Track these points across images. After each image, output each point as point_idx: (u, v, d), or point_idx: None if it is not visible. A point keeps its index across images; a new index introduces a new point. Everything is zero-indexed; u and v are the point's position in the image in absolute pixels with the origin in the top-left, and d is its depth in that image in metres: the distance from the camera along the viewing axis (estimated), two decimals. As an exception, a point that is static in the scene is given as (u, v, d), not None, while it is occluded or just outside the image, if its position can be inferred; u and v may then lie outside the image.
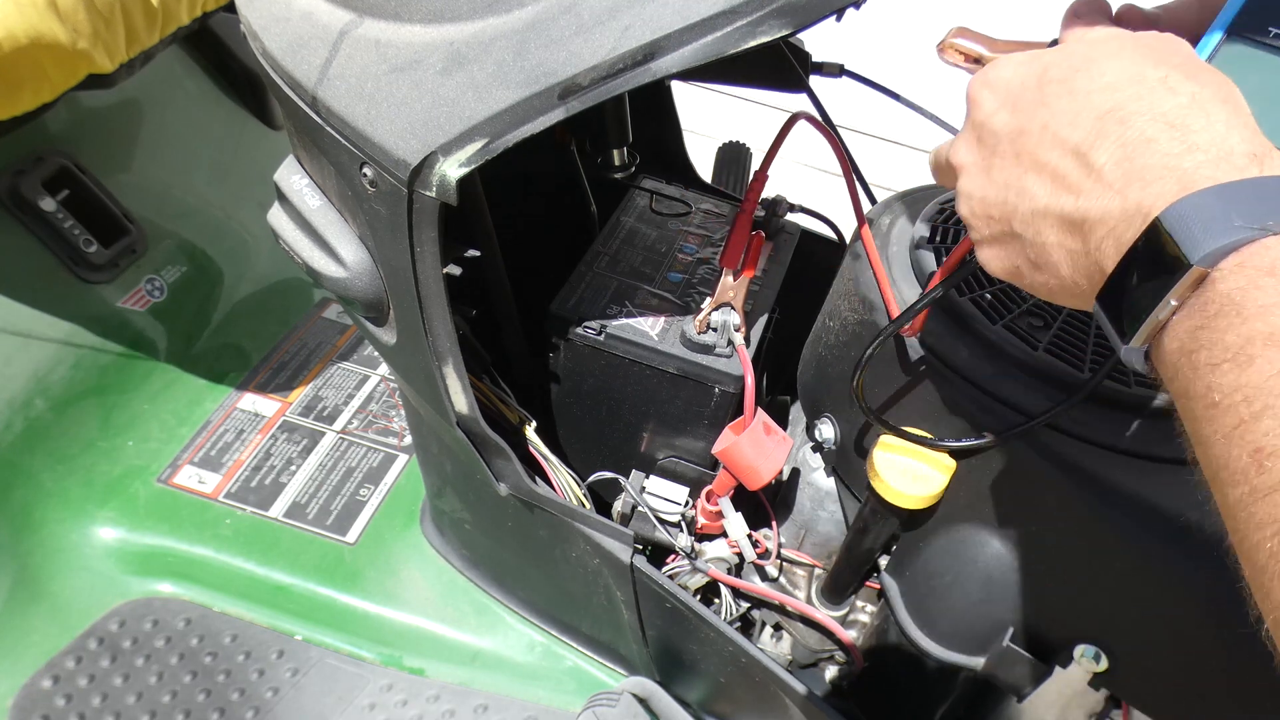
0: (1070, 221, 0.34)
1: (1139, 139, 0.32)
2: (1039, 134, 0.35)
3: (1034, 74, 0.37)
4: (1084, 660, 0.57)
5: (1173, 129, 0.31)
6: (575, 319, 0.68)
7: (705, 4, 0.42)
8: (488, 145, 0.48)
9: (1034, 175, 0.35)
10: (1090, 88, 0.34)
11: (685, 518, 0.72)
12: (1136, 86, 0.33)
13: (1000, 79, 0.38)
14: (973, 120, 0.39)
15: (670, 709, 0.80)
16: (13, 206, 0.97)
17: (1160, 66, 0.34)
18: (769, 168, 0.73)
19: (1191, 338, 0.29)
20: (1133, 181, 0.31)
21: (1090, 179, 0.33)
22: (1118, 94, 0.33)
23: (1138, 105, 0.32)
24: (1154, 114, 0.32)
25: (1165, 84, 0.33)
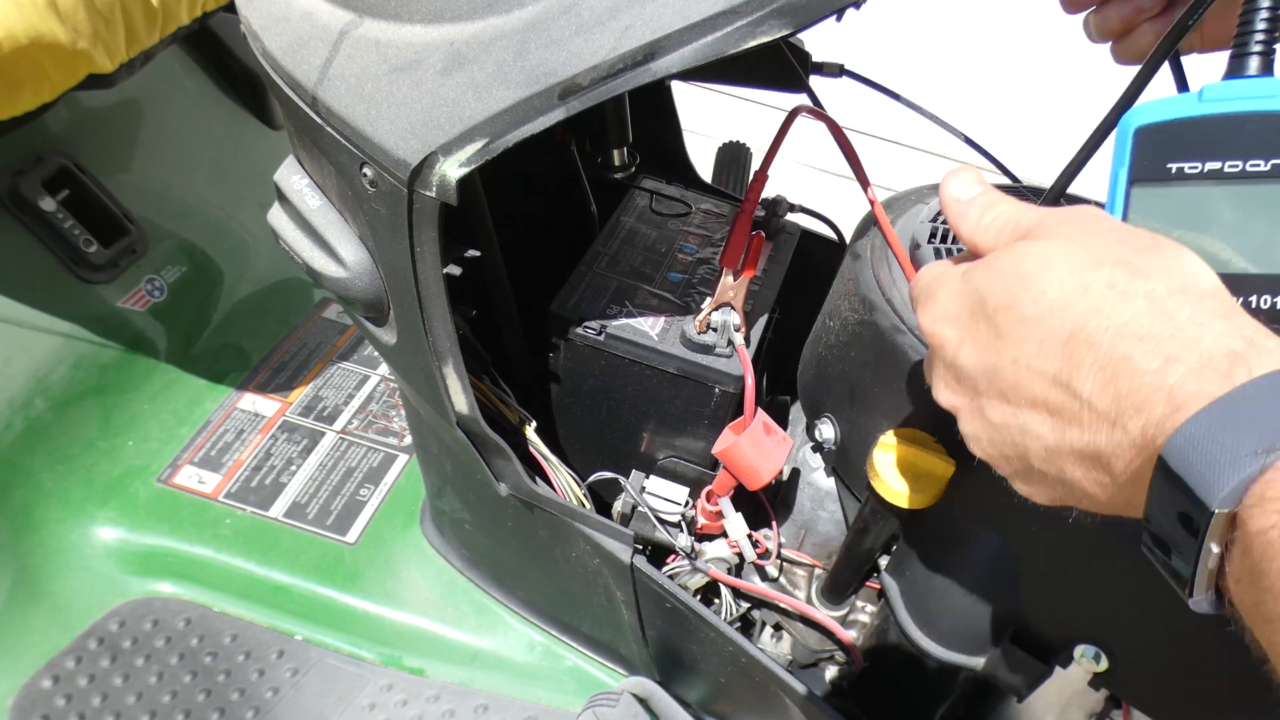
0: (1086, 456, 0.32)
1: (1114, 360, 0.30)
2: (1013, 369, 0.33)
3: (975, 303, 0.35)
4: (1084, 660, 0.57)
5: (1142, 341, 0.30)
6: (575, 319, 0.68)
7: (705, 4, 0.42)
8: (488, 145, 0.48)
9: (1029, 413, 0.33)
10: (1039, 310, 0.32)
11: (685, 518, 0.72)
12: (1086, 298, 0.31)
13: (945, 313, 0.37)
14: (941, 359, 0.38)
15: (670, 709, 0.80)
16: (13, 206, 0.97)
17: (1098, 266, 0.32)
18: (769, 167, 0.73)
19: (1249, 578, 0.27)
20: (1126, 410, 0.30)
21: (1085, 409, 0.31)
22: (1071, 311, 0.31)
23: (1098, 321, 0.31)
24: (1117, 328, 0.30)
25: (1114, 289, 0.31)
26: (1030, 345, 0.32)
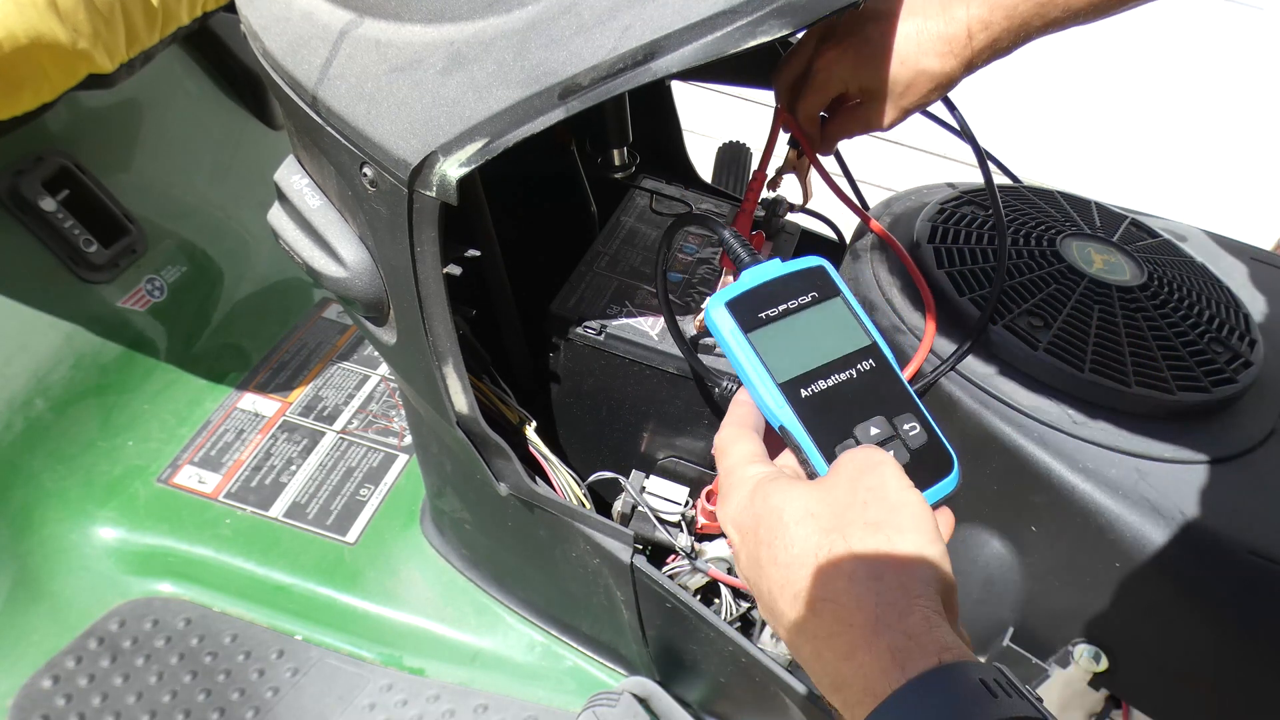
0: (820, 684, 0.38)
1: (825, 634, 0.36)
2: (769, 596, 0.40)
3: (750, 525, 0.41)
4: (1084, 660, 0.57)
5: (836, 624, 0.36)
6: (575, 319, 0.68)
7: (705, 4, 0.42)
8: (488, 145, 0.48)
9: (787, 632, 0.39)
10: (787, 559, 0.39)
11: (685, 518, 0.72)
12: (815, 562, 0.38)
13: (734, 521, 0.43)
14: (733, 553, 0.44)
15: (670, 709, 0.80)
16: (13, 206, 0.97)
17: (830, 533, 0.38)
18: (767, 165, 0.73)
19: None
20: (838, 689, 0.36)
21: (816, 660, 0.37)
22: (803, 572, 0.38)
23: (818, 590, 0.37)
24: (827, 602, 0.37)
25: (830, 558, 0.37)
26: (778, 587, 0.39)
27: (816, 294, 0.48)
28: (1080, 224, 0.68)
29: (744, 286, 0.48)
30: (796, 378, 0.45)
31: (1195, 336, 0.59)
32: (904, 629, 0.35)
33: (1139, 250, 0.66)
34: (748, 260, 0.51)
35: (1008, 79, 2.06)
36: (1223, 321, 0.61)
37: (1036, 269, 0.62)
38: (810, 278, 0.49)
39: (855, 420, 0.45)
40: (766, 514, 0.41)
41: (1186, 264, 0.67)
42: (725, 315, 0.47)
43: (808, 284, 0.48)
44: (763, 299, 0.47)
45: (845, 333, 0.47)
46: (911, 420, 0.45)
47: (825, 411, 0.45)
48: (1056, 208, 0.70)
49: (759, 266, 0.49)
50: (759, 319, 0.47)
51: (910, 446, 0.44)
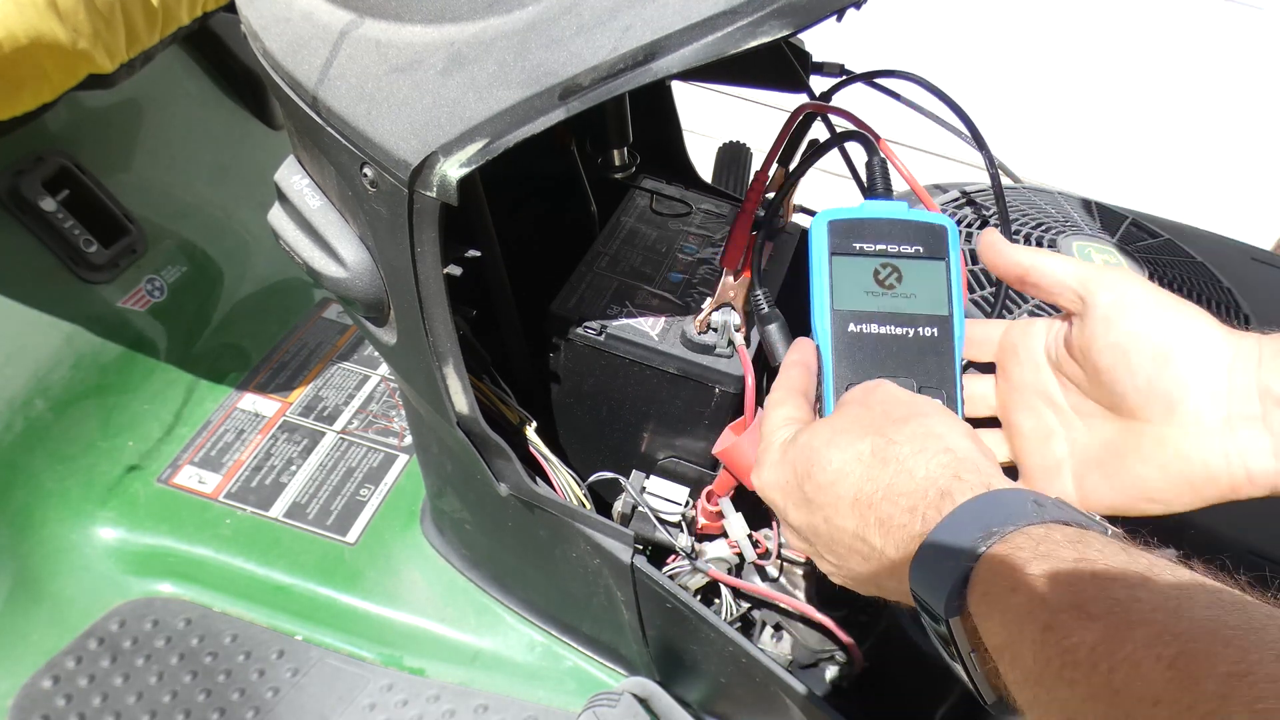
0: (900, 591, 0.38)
1: (884, 519, 0.38)
2: (827, 527, 0.40)
3: (788, 476, 0.42)
4: (1084, 660, 0.57)
5: (896, 500, 0.37)
6: (575, 319, 0.68)
7: (706, 4, 0.42)
8: (488, 145, 0.48)
9: (850, 557, 0.40)
10: (829, 478, 0.40)
11: (685, 518, 0.72)
12: (860, 466, 0.39)
13: (769, 481, 0.44)
14: (782, 519, 0.45)
15: (670, 709, 0.80)
16: (13, 206, 0.97)
17: (865, 436, 0.40)
18: (769, 166, 0.73)
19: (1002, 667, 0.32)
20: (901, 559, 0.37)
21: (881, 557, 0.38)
22: (851, 479, 0.39)
23: (870, 485, 0.38)
24: (883, 491, 0.38)
25: (877, 456, 0.39)
26: (829, 508, 0.40)
27: (923, 249, 0.47)
28: (1080, 224, 0.68)
29: (856, 213, 0.47)
30: (853, 311, 0.46)
31: (1195, 337, 0.59)
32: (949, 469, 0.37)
33: (1139, 250, 0.66)
34: (879, 190, 0.51)
35: (1008, 79, 2.06)
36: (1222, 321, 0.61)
37: (1037, 269, 0.62)
38: (927, 232, 0.47)
39: (885, 373, 0.45)
40: (799, 455, 0.42)
41: (1186, 264, 0.67)
42: (822, 231, 0.47)
43: (920, 236, 0.47)
44: (867, 231, 0.47)
45: (927, 294, 0.46)
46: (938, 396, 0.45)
47: (861, 351, 0.45)
48: (1056, 208, 0.70)
49: (883, 202, 0.49)
50: (851, 247, 0.46)
51: None
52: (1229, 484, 0.39)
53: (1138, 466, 0.40)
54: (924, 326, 0.46)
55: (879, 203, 0.49)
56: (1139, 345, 0.40)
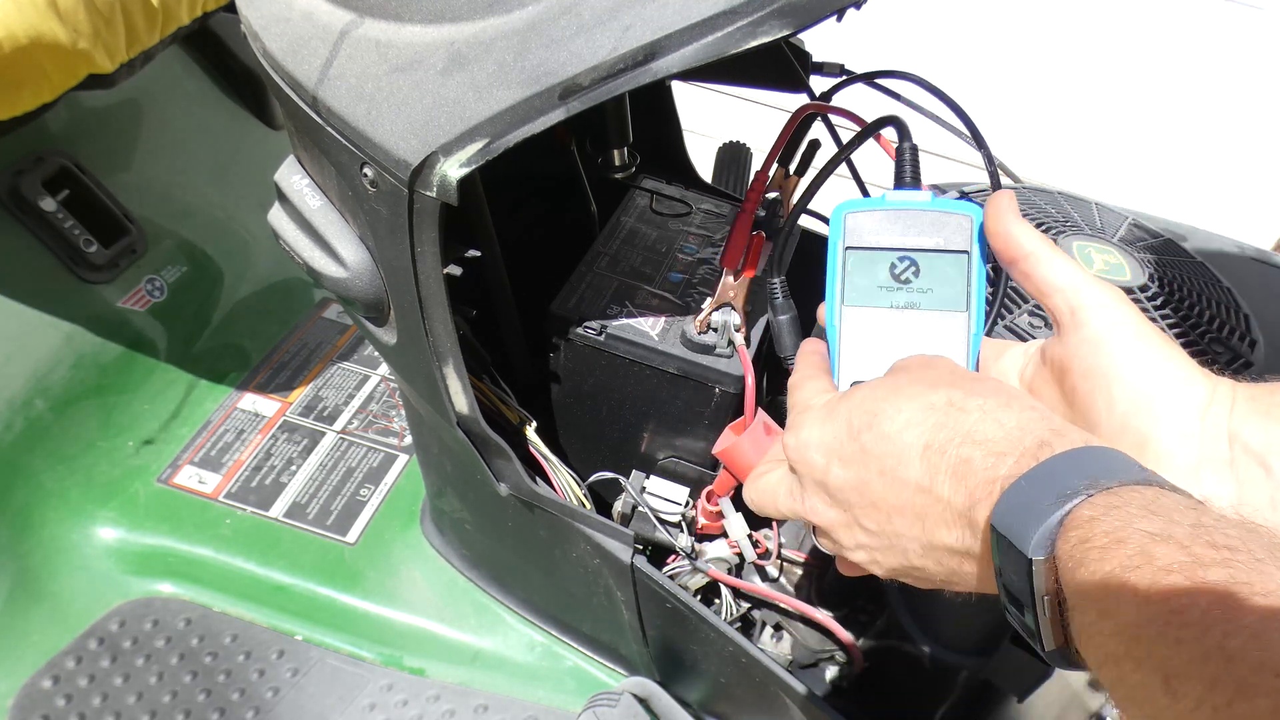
0: (957, 552, 0.36)
1: (960, 462, 0.35)
2: (881, 480, 0.38)
3: (838, 430, 0.40)
4: (1084, 660, 0.57)
5: (979, 445, 0.35)
6: (575, 319, 0.68)
7: (706, 4, 0.42)
8: (488, 145, 0.48)
9: (900, 517, 0.38)
10: (897, 427, 0.38)
11: (685, 518, 0.72)
12: (933, 414, 0.37)
13: (812, 439, 0.41)
14: (811, 481, 0.42)
15: (670, 709, 0.80)
16: (13, 206, 0.97)
17: (938, 388, 0.38)
18: (770, 166, 0.73)
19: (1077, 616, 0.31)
20: (975, 503, 0.35)
21: (946, 508, 0.36)
22: (922, 427, 0.37)
23: (945, 433, 0.36)
24: (962, 437, 0.36)
25: (953, 405, 0.37)
26: (892, 458, 0.37)
27: (943, 241, 0.45)
28: (1080, 224, 0.68)
29: (875, 205, 0.46)
30: (863, 307, 0.45)
31: (1195, 337, 0.59)
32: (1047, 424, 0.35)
33: (1139, 250, 0.66)
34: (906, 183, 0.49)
35: (1009, 79, 2.06)
36: (1223, 322, 0.61)
37: (1037, 269, 0.62)
38: (951, 223, 0.45)
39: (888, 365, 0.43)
40: (856, 408, 0.40)
41: (1187, 264, 0.67)
42: (839, 224, 0.46)
43: (943, 228, 0.45)
44: (885, 224, 0.45)
45: (945, 289, 0.45)
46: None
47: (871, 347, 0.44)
48: (1056, 208, 0.70)
49: (907, 192, 0.47)
50: (866, 240, 0.45)
51: None
52: None
53: None
54: (938, 325, 0.45)
55: (902, 193, 0.47)
56: (1121, 378, 0.40)
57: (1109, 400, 0.40)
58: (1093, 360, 0.41)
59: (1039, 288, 0.43)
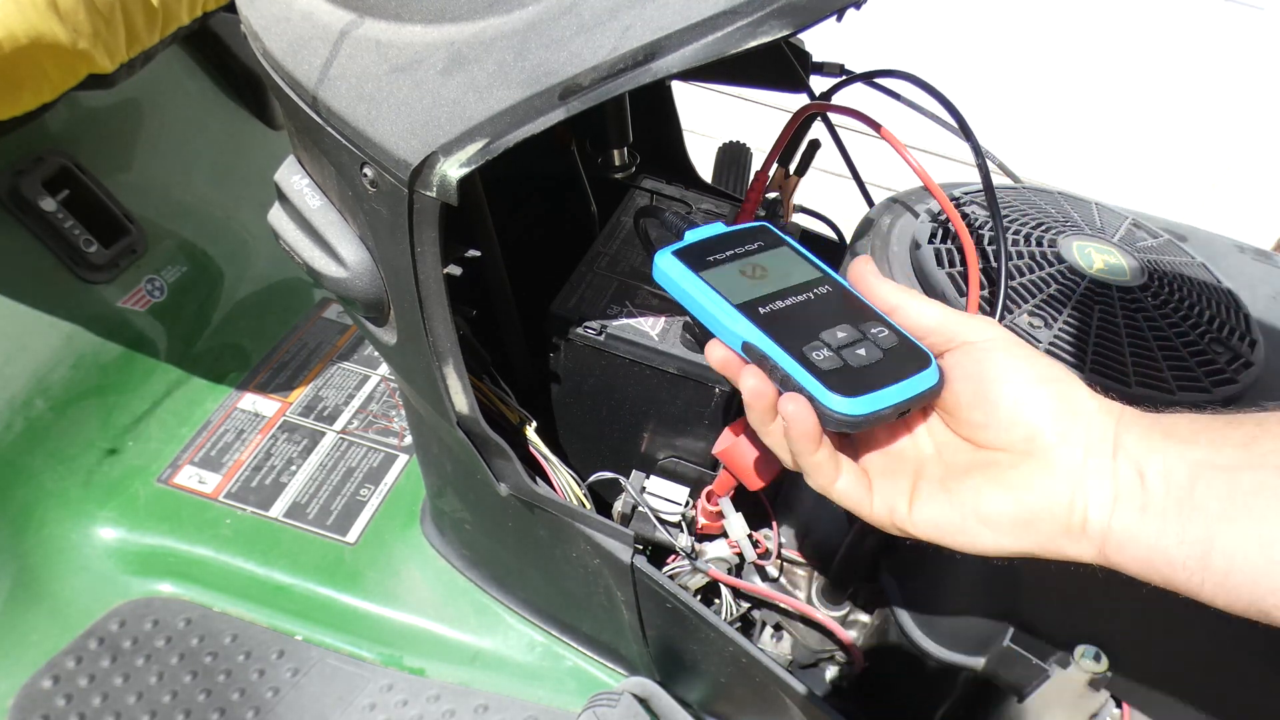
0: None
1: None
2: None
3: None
4: (1084, 660, 0.57)
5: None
6: (575, 319, 0.68)
7: (706, 4, 0.42)
8: (488, 145, 0.48)
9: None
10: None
11: (685, 518, 0.72)
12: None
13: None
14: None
15: (670, 709, 0.80)
16: (13, 206, 0.97)
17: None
18: (770, 166, 0.73)
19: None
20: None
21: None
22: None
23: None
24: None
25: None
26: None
27: (763, 243, 0.50)
28: (1080, 224, 0.68)
29: (689, 240, 0.49)
30: (752, 300, 0.46)
31: (1196, 336, 0.59)
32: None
33: (1139, 250, 0.66)
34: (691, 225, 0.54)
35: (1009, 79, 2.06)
36: (1223, 322, 0.61)
37: (1037, 269, 0.62)
38: (755, 234, 0.50)
39: (820, 328, 0.45)
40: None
41: (1187, 264, 0.67)
42: (673, 261, 0.48)
43: (753, 238, 0.50)
44: (709, 249, 0.49)
45: (796, 267, 0.48)
46: (878, 325, 0.45)
47: (787, 323, 0.45)
48: (1056, 208, 0.70)
49: (701, 228, 0.51)
50: (708, 262, 0.48)
51: (881, 346, 0.44)
52: (1064, 526, 0.39)
53: (983, 486, 0.40)
54: (816, 288, 0.47)
55: (697, 229, 0.51)
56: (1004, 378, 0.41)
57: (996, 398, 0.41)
58: (976, 368, 0.42)
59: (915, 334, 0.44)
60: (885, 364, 0.43)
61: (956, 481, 0.41)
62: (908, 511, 0.42)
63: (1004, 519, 0.40)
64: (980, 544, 0.41)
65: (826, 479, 0.42)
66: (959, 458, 0.42)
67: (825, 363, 0.43)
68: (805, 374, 0.43)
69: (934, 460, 0.43)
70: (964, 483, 0.41)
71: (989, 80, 2.06)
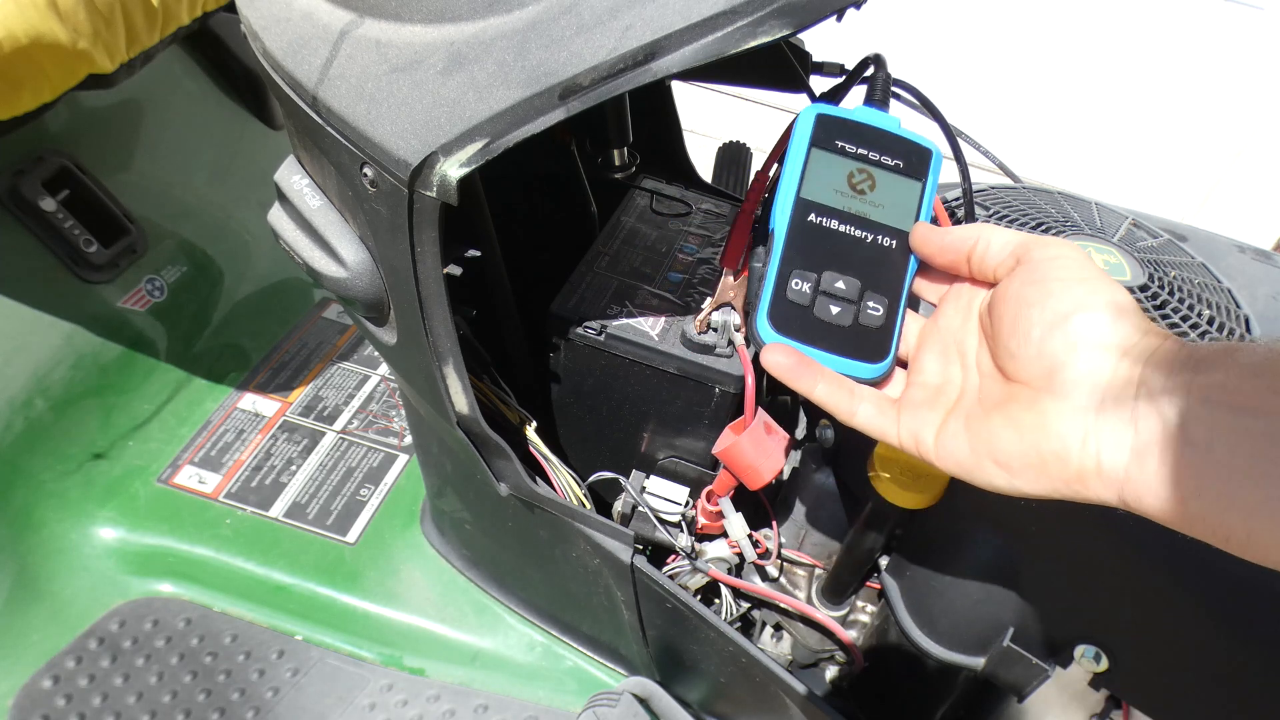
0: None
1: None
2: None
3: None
4: (1084, 660, 0.57)
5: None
6: (576, 319, 0.68)
7: (706, 4, 0.42)
8: (488, 145, 0.48)
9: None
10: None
11: (685, 518, 0.72)
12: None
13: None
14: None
15: (670, 709, 0.80)
16: (13, 206, 0.97)
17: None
18: (770, 167, 0.73)
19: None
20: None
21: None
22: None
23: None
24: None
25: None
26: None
27: (903, 165, 0.47)
28: (1080, 224, 0.68)
29: (848, 114, 0.47)
30: (817, 203, 0.45)
31: (1196, 337, 0.59)
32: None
33: (1139, 250, 0.66)
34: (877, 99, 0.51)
35: (1008, 79, 2.06)
36: (1223, 322, 0.61)
37: (1037, 269, 0.62)
38: (913, 151, 0.47)
39: (833, 266, 0.45)
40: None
41: (1186, 264, 0.67)
42: (808, 123, 0.46)
43: (906, 153, 0.47)
44: (855, 134, 0.47)
45: (896, 207, 0.46)
46: (882, 302, 0.45)
47: (814, 241, 0.45)
48: (1056, 208, 0.70)
49: (879, 112, 0.49)
50: (834, 144, 0.46)
51: (860, 319, 0.44)
52: (1076, 471, 0.37)
53: (999, 426, 0.39)
54: (884, 236, 0.46)
55: (874, 111, 0.49)
56: (1041, 302, 0.39)
57: (1026, 326, 0.39)
58: (1020, 286, 0.40)
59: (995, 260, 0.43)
60: (841, 331, 0.43)
61: (980, 421, 0.40)
62: (932, 444, 0.42)
63: (1016, 461, 0.39)
64: (997, 484, 0.40)
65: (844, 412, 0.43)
66: (991, 391, 0.41)
67: (794, 294, 0.44)
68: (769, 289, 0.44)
69: (972, 393, 0.42)
70: (986, 423, 0.40)
71: (990, 80, 2.06)
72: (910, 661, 0.67)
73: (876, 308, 0.45)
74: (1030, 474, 0.39)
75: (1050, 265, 0.40)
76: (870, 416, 0.43)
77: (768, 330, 0.44)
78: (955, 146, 0.63)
